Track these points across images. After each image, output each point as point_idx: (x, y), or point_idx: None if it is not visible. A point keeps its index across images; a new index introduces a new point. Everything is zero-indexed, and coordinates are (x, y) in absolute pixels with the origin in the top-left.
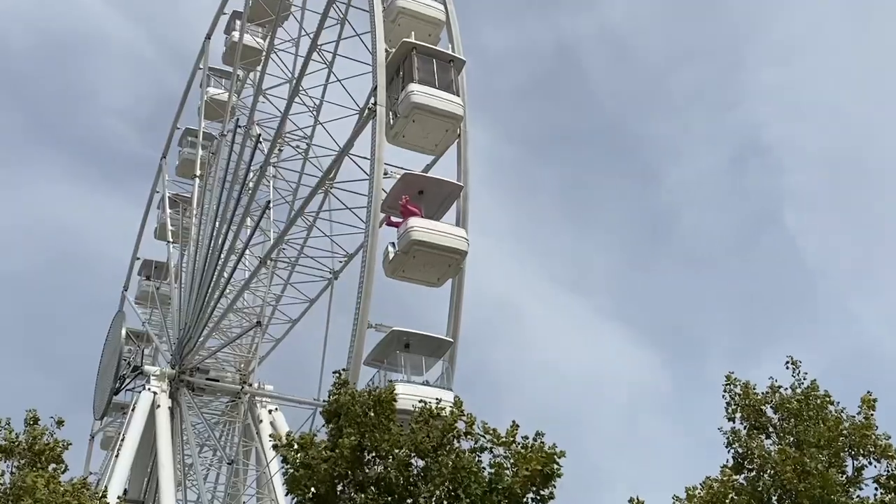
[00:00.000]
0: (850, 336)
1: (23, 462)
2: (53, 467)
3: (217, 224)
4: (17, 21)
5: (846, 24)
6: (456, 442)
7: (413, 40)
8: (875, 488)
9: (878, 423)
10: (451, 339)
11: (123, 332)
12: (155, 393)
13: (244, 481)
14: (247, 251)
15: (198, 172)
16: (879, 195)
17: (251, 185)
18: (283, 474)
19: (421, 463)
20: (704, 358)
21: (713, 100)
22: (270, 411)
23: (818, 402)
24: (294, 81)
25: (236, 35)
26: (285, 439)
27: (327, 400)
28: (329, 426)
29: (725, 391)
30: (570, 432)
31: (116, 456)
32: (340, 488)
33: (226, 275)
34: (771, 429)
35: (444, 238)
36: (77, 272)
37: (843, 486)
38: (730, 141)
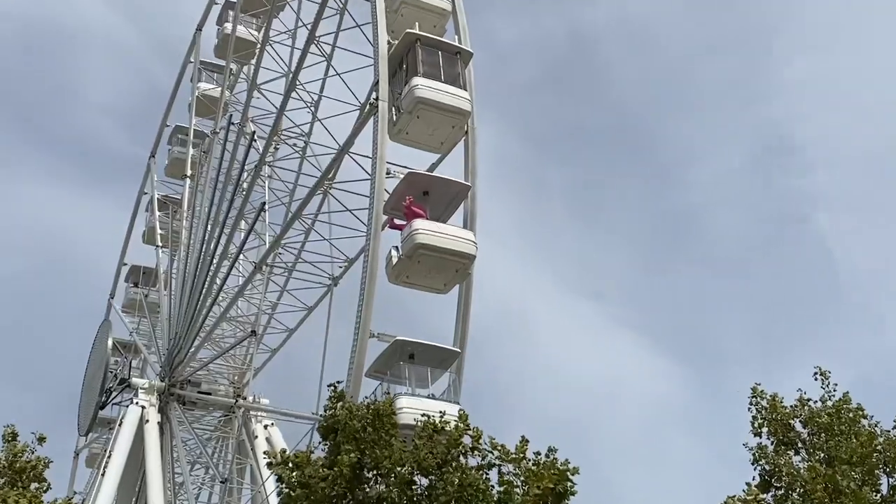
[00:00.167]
0: (883, 346)
1: (2, 481)
2: (35, 486)
3: (209, 227)
4: None
5: (881, 12)
6: (462, 458)
7: (417, 31)
8: None
9: None
10: (459, 350)
11: (110, 342)
12: (143, 407)
13: (238, 501)
14: (241, 256)
15: (188, 172)
16: None
17: (245, 185)
18: (279, 494)
19: (425, 481)
20: (725, 367)
21: (738, 93)
22: (266, 426)
23: (850, 415)
24: (290, 76)
25: (229, 27)
26: (280, 456)
27: (323, 415)
28: (326, 443)
29: (751, 404)
30: (582, 445)
31: (102, 474)
32: None
33: (218, 281)
34: (800, 444)
35: (451, 241)
36: (60, 279)
37: None
38: (755, 137)
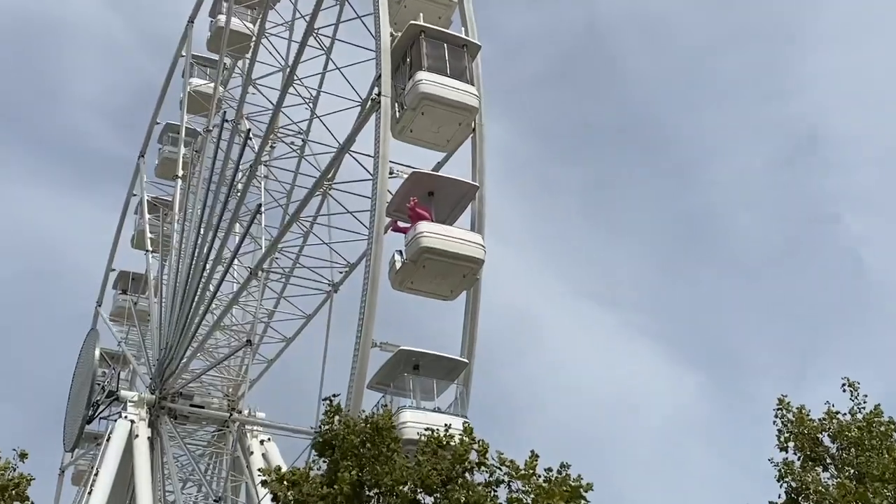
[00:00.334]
0: None
1: None
2: None
3: (202, 231)
4: None
5: None
6: (468, 475)
7: (421, 23)
8: None
9: None
10: (466, 360)
11: (97, 352)
12: (132, 421)
13: None
14: (235, 261)
15: (180, 173)
16: None
17: (240, 186)
18: None
19: (429, 499)
20: (747, 378)
21: (761, 87)
22: (262, 442)
23: (882, 429)
24: (288, 70)
25: (223, 18)
26: (276, 473)
27: (318, 429)
28: (324, 459)
29: (777, 417)
30: (596, 459)
31: (89, 493)
32: None
33: (212, 288)
34: (828, 460)
35: (458, 245)
36: (44, 285)
37: None
38: (780, 134)
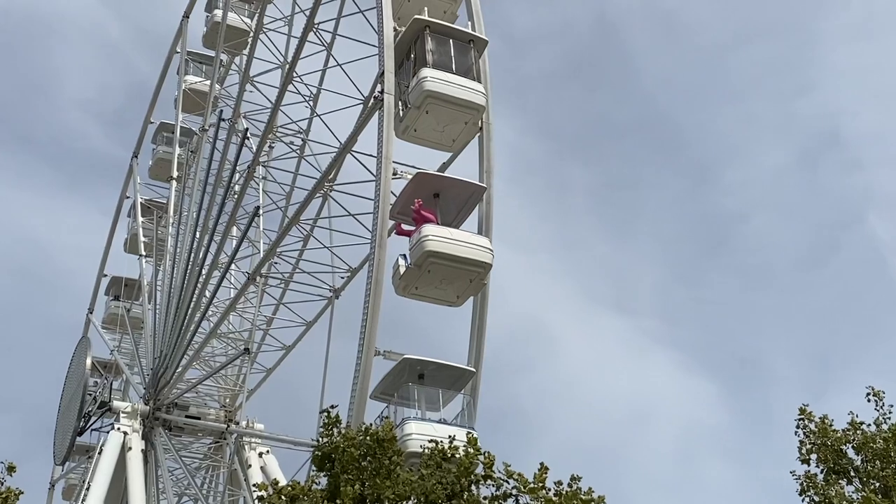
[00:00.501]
0: None
1: None
2: None
3: (197, 234)
4: None
5: None
6: (474, 488)
7: (426, 17)
8: None
9: None
10: (473, 369)
11: (88, 361)
12: (125, 433)
13: None
14: (232, 266)
15: (175, 174)
16: None
17: (237, 188)
18: None
19: None
20: (767, 387)
21: (781, 84)
22: (261, 454)
23: None
24: (287, 67)
25: (219, 14)
26: (273, 487)
27: (317, 442)
28: (324, 473)
29: (799, 427)
30: (609, 472)
31: None
32: None
33: (208, 294)
34: (853, 473)
35: (465, 249)
36: (33, 291)
37: None
38: (801, 133)
